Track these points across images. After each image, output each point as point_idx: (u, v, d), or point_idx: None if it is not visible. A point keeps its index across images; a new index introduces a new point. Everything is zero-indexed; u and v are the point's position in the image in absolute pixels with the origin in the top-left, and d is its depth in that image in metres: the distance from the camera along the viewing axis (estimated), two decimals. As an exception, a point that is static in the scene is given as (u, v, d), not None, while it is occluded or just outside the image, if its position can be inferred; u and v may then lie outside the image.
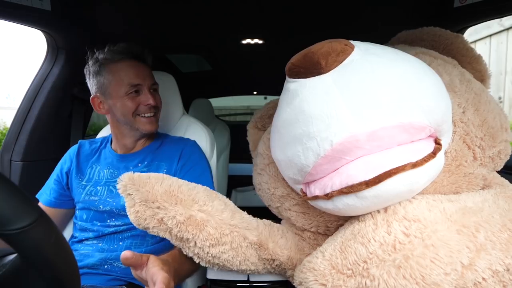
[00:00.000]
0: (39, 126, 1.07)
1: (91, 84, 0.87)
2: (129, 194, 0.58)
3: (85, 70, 0.88)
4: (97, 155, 0.93)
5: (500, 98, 2.29)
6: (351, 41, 0.49)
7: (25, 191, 0.37)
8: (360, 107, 0.44)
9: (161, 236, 0.60)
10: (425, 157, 0.45)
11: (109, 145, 0.94)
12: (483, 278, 0.41)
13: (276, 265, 0.65)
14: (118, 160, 0.90)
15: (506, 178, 0.59)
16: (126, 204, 0.59)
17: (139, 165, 0.89)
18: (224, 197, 0.68)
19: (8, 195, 0.35)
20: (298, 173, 0.52)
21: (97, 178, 0.87)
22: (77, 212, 0.88)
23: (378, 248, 0.46)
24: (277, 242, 0.65)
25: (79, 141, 0.96)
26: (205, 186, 0.67)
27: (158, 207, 0.57)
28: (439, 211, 0.47)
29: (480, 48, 2.40)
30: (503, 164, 0.61)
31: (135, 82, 0.84)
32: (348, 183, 0.46)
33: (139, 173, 0.61)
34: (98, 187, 0.86)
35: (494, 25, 2.25)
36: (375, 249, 0.46)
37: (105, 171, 0.88)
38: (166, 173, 0.87)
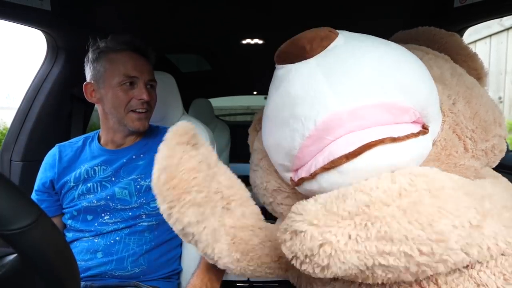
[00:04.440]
0: (39, 126, 1.07)
1: (87, 71, 0.85)
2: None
3: (85, 58, 0.85)
4: (82, 153, 0.89)
5: (500, 98, 2.30)
6: (337, 30, 0.51)
7: (25, 191, 0.37)
8: (341, 86, 0.46)
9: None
10: (407, 134, 0.46)
11: (97, 141, 0.90)
12: (488, 247, 0.40)
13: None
14: (110, 155, 0.87)
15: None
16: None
17: (134, 157, 0.87)
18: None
19: (8, 195, 0.35)
20: (286, 157, 0.53)
21: (86, 176, 0.84)
22: (69, 215, 0.85)
23: (381, 193, 0.42)
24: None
25: (57, 145, 0.91)
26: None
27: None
28: (445, 175, 0.46)
29: (480, 48, 2.40)
30: (498, 160, 0.61)
31: (131, 74, 0.81)
32: (330, 158, 0.46)
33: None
34: (89, 184, 0.83)
35: (494, 25, 2.26)
36: (379, 195, 0.42)
37: (96, 168, 0.85)
38: None
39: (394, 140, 0.45)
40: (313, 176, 0.49)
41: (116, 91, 0.81)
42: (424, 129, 0.48)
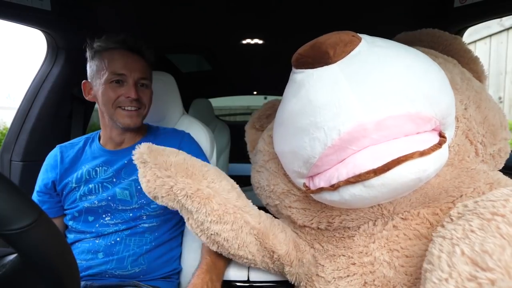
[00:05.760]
0: (39, 126, 1.07)
1: (87, 70, 0.87)
2: (142, 162, 0.60)
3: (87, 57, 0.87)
4: (83, 154, 0.89)
5: (500, 98, 2.29)
6: (359, 34, 0.49)
7: (25, 191, 0.37)
8: (368, 96, 0.44)
9: (170, 205, 0.61)
10: (432, 146, 0.45)
11: (97, 141, 0.90)
12: None
13: (276, 258, 0.65)
14: (110, 156, 0.86)
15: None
16: (139, 172, 0.61)
17: None
18: (232, 180, 0.69)
19: (8, 195, 0.35)
20: (303, 165, 0.52)
21: (87, 177, 0.84)
22: (70, 216, 0.85)
23: None
24: (277, 235, 0.65)
25: (58, 146, 0.91)
26: (216, 167, 0.68)
27: (169, 176, 0.59)
28: None
29: (480, 48, 2.40)
30: (503, 163, 0.61)
31: (118, 71, 0.81)
32: (355, 172, 0.45)
33: (155, 145, 0.63)
34: (91, 185, 0.83)
35: (494, 25, 2.26)
36: None
37: (97, 169, 0.85)
38: None
39: (422, 154, 0.44)
40: (335, 187, 0.48)
41: (105, 88, 0.82)
42: (443, 137, 0.48)
